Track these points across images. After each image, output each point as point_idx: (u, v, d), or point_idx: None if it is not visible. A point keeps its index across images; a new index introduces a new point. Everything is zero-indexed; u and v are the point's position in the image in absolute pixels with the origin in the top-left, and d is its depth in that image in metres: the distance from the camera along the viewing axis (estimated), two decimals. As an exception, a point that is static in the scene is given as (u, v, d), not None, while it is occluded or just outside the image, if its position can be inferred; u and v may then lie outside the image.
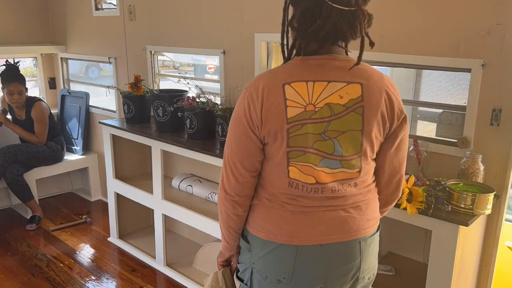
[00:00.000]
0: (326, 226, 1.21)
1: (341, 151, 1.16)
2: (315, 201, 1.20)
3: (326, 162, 1.17)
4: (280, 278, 1.25)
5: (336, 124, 1.15)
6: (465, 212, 1.55)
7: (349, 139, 1.16)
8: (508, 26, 1.64)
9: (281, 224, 1.22)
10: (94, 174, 3.99)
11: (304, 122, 1.14)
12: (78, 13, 3.78)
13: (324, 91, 1.14)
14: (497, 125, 1.73)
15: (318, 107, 1.14)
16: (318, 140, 1.15)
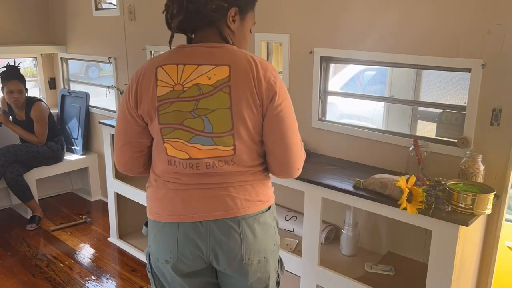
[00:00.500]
0: (205, 203, 1.27)
1: (212, 128, 1.23)
2: (193, 179, 1.27)
3: (198, 139, 1.24)
4: (167, 258, 1.31)
5: (205, 103, 1.22)
6: (465, 212, 1.55)
7: (219, 117, 1.22)
8: (508, 26, 1.64)
9: (164, 203, 1.30)
10: (94, 174, 3.99)
11: (173, 100, 1.23)
12: (78, 13, 3.78)
13: (193, 73, 1.23)
14: (497, 125, 1.73)
15: (187, 87, 1.22)
16: (188, 117, 1.23)
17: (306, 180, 1.89)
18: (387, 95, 2.53)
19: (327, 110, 2.33)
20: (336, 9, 2.12)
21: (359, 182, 1.79)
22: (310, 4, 2.20)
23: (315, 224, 1.92)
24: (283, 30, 2.33)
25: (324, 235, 2.21)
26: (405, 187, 1.58)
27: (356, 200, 1.76)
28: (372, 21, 2.01)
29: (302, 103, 2.33)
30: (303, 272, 2.03)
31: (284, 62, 2.36)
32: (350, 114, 3.13)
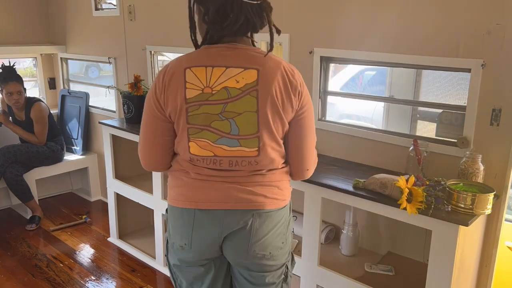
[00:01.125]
0: (222, 194, 1.32)
1: (238, 131, 1.28)
2: (215, 172, 1.32)
3: (223, 141, 1.29)
4: (182, 244, 1.38)
5: (233, 106, 1.26)
6: (465, 212, 1.55)
7: (246, 120, 1.27)
8: (508, 26, 1.64)
9: (183, 190, 1.36)
10: (94, 174, 3.99)
11: (201, 103, 1.27)
12: (78, 13, 3.78)
13: (221, 75, 1.26)
14: (497, 125, 1.73)
15: (215, 90, 1.26)
16: (215, 120, 1.28)
17: (306, 180, 1.89)
18: (387, 95, 2.53)
19: (327, 110, 2.33)
20: (336, 9, 2.12)
21: (359, 182, 1.79)
22: (310, 4, 2.20)
23: (315, 224, 1.92)
24: (283, 30, 2.31)
25: (324, 235, 2.21)
26: (405, 187, 1.58)
27: (356, 200, 1.76)
28: (372, 21, 2.01)
29: (302, 103, 2.33)
30: (303, 272, 2.03)
31: (284, 62, 2.36)
32: (350, 114, 3.13)
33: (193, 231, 1.35)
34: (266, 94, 1.26)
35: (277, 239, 1.40)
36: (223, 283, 1.49)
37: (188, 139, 1.31)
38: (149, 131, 1.36)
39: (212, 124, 1.28)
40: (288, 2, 2.28)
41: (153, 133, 1.36)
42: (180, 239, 1.38)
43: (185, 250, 1.38)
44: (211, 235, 1.35)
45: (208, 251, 1.38)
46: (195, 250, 1.37)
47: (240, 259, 1.39)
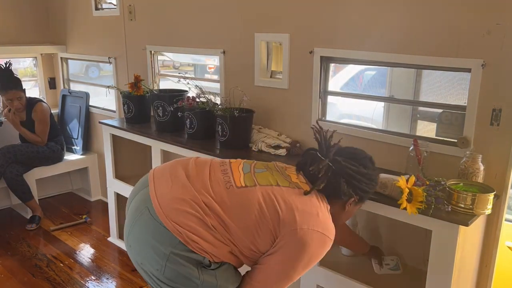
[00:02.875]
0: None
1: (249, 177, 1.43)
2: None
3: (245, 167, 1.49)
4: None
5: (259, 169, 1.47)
6: (465, 212, 1.55)
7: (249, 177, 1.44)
8: (508, 26, 1.64)
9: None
10: (94, 174, 3.99)
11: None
12: (78, 13, 3.78)
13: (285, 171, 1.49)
14: (497, 125, 1.72)
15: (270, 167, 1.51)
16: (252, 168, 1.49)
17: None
18: (387, 95, 2.52)
19: (327, 110, 2.33)
20: (336, 9, 2.12)
21: None
22: (310, 4, 2.20)
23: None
24: (283, 30, 2.33)
25: (324, 235, 2.20)
26: (405, 187, 1.58)
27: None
28: (372, 21, 2.01)
29: (302, 103, 2.33)
30: (303, 272, 2.02)
31: (284, 62, 2.36)
32: (350, 114, 3.13)
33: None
34: (270, 200, 1.36)
35: (145, 249, 1.35)
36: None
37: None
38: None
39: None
40: (288, 2, 2.28)
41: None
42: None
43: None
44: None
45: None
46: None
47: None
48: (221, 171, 1.44)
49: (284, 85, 2.40)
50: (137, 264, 1.41)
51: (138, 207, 1.39)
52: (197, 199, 1.33)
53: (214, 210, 1.33)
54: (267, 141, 2.32)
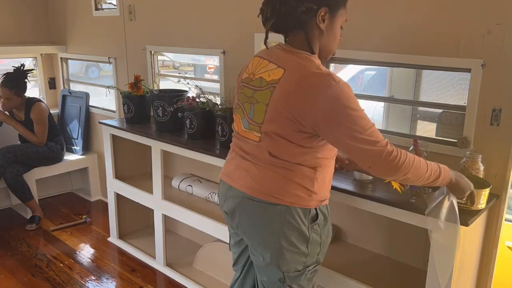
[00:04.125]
0: (234, 171, 1.50)
1: (253, 116, 1.42)
2: (238, 149, 1.50)
3: (244, 121, 1.46)
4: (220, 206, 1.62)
5: (257, 94, 1.40)
6: (459, 207, 1.54)
7: (259, 109, 1.39)
8: (508, 26, 1.64)
9: (225, 165, 1.59)
10: (94, 174, 3.99)
11: (245, 85, 1.47)
12: (78, 13, 3.78)
13: (263, 67, 1.40)
14: (497, 125, 1.73)
15: (255, 78, 1.42)
16: (246, 101, 1.45)
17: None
18: (387, 95, 2.53)
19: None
20: (336, 9, 2.11)
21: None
22: (310, 4, 2.20)
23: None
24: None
25: (324, 235, 2.20)
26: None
27: (356, 200, 1.76)
28: (372, 21, 2.01)
29: (302, 103, 2.33)
30: (303, 272, 2.03)
31: (284, 62, 2.36)
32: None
33: (219, 197, 1.61)
34: (279, 94, 1.32)
35: (266, 235, 1.43)
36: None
37: (234, 112, 1.54)
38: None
39: (244, 104, 1.46)
40: (288, 2, 2.28)
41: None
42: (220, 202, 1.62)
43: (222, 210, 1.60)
44: (224, 205, 1.56)
45: (227, 219, 1.58)
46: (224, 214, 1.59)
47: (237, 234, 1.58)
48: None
49: (284, 85, 2.39)
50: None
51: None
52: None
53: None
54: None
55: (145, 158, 3.20)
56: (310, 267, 1.49)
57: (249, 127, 1.43)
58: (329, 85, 1.25)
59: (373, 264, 2.07)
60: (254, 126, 1.40)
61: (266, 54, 1.43)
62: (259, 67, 1.41)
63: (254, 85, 1.41)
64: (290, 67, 1.33)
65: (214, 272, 2.67)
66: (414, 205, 1.62)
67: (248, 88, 1.44)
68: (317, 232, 1.46)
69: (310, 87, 1.28)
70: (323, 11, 1.33)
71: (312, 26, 1.35)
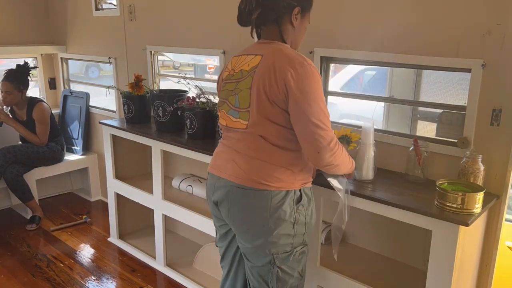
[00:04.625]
0: (222, 163, 1.58)
1: (239, 104, 1.52)
2: (227, 141, 1.59)
3: (231, 112, 1.55)
4: (207, 199, 1.70)
5: (240, 84, 1.52)
6: (455, 212, 1.54)
7: (243, 95, 1.50)
8: (508, 26, 1.64)
9: (213, 158, 1.67)
10: (94, 174, 3.99)
11: (227, 81, 1.58)
12: (78, 13, 3.78)
13: (243, 61, 1.54)
14: (497, 125, 1.72)
15: (236, 72, 1.55)
16: (230, 95, 1.56)
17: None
18: (387, 95, 2.53)
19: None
20: (336, 9, 2.12)
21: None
22: (310, 4, 2.20)
23: (315, 224, 1.92)
24: (283, 30, 2.32)
25: (324, 235, 2.20)
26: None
27: (356, 200, 1.76)
28: (372, 21, 2.01)
29: (302, 103, 2.33)
30: (303, 272, 2.03)
31: (284, 62, 2.36)
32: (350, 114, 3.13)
33: (208, 189, 1.68)
34: (259, 76, 1.45)
35: (254, 221, 1.51)
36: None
37: (218, 109, 1.64)
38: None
39: (228, 98, 1.57)
40: (288, 2, 2.28)
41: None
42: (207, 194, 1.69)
43: (209, 203, 1.69)
44: (212, 195, 1.62)
45: (213, 210, 1.67)
46: (210, 207, 1.70)
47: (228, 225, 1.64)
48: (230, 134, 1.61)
49: (284, 85, 2.39)
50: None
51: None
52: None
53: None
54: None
55: (145, 158, 3.20)
56: (297, 248, 1.57)
57: (239, 116, 1.52)
58: (302, 64, 1.41)
59: (373, 264, 2.07)
60: (242, 112, 1.51)
61: (243, 51, 1.58)
62: (239, 63, 1.55)
63: (236, 78, 1.53)
64: (267, 52, 1.48)
65: (214, 272, 2.66)
66: (414, 205, 1.62)
67: (230, 83, 1.56)
68: (301, 212, 1.54)
69: (285, 64, 1.41)
70: (296, 9, 1.50)
71: (287, 21, 1.51)
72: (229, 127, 1.57)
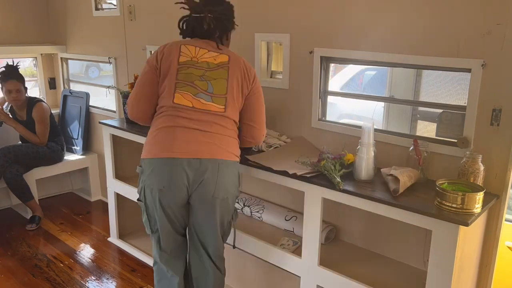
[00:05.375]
0: (196, 145, 1.73)
1: (213, 90, 1.80)
2: (191, 123, 1.74)
3: (201, 95, 1.79)
4: (161, 188, 1.74)
5: (210, 73, 1.82)
6: (455, 212, 1.54)
7: (219, 83, 1.81)
8: (508, 26, 1.64)
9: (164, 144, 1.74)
10: (94, 174, 4.00)
11: (190, 66, 1.82)
12: (78, 13, 3.78)
13: (205, 54, 1.85)
14: (497, 125, 1.73)
15: (200, 61, 1.83)
16: (197, 80, 1.80)
17: (306, 180, 1.89)
18: (387, 95, 2.53)
19: (327, 110, 2.33)
20: (336, 9, 2.12)
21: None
22: (310, 4, 2.20)
23: (315, 224, 1.92)
24: (283, 30, 2.33)
25: (324, 235, 2.21)
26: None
27: (356, 200, 1.76)
28: (372, 21, 2.01)
29: (302, 103, 2.33)
30: (303, 272, 2.03)
31: (284, 62, 2.36)
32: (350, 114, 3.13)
33: (172, 175, 1.72)
34: (234, 70, 1.85)
35: (232, 186, 1.83)
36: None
37: (174, 90, 1.78)
38: (140, 85, 1.89)
39: (195, 82, 1.79)
40: (288, 2, 2.28)
41: (143, 86, 1.87)
42: (159, 183, 1.75)
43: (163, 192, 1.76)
44: (186, 179, 1.73)
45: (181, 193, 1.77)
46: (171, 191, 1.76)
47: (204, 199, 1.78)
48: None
49: (284, 85, 2.40)
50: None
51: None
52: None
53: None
54: (267, 141, 2.32)
55: (145, 158, 3.20)
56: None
57: (211, 100, 1.78)
58: (253, 68, 1.95)
59: (373, 264, 2.07)
60: (217, 98, 1.79)
61: (199, 44, 1.88)
62: (200, 53, 1.84)
63: (202, 66, 1.82)
64: (231, 55, 1.89)
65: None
66: (414, 205, 1.62)
67: (195, 68, 1.81)
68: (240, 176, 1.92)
69: (249, 68, 1.91)
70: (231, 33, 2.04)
71: (228, 34, 2.00)
72: (197, 108, 1.76)
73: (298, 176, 1.90)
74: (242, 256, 2.42)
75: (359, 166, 1.87)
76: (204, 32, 1.88)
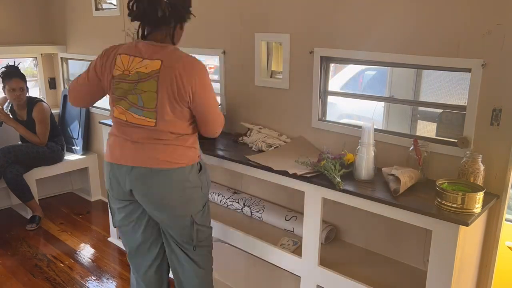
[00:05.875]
0: (131, 153, 1.77)
1: (143, 104, 1.73)
2: (127, 135, 1.79)
3: (133, 110, 1.75)
4: (108, 188, 1.89)
5: (141, 85, 1.72)
6: (455, 211, 1.54)
7: (148, 97, 1.71)
8: (508, 26, 1.64)
9: (111, 150, 1.85)
10: (94, 174, 4.00)
11: (121, 80, 1.75)
12: (78, 13, 3.78)
13: (138, 63, 1.73)
14: (497, 125, 1.73)
15: (132, 73, 1.73)
16: (129, 94, 1.75)
17: (306, 180, 1.89)
18: (387, 95, 2.53)
19: (327, 110, 2.33)
20: (336, 9, 2.12)
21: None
22: (310, 4, 2.20)
23: (315, 224, 1.92)
24: (283, 30, 2.33)
25: (324, 235, 2.21)
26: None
27: (356, 200, 1.76)
28: (372, 21, 2.01)
29: (302, 103, 2.33)
30: (303, 272, 2.03)
31: (284, 62, 2.36)
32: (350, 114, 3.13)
33: (110, 178, 1.84)
34: (165, 81, 1.69)
35: (174, 193, 1.80)
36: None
37: (114, 105, 1.81)
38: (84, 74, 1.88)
39: (128, 96, 1.75)
40: (288, 2, 2.28)
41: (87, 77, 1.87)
42: (107, 184, 1.88)
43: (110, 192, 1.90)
44: (121, 182, 1.81)
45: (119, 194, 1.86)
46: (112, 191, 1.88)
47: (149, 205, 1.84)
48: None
49: (284, 85, 2.40)
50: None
51: None
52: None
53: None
54: (267, 141, 2.32)
55: (145, 158, 3.20)
56: (205, 205, 1.94)
57: (143, 114, 1.73)
58: (200, 65, 1.75)
59: (373, 264, 2.07)
60: (148, 111, 1.72)
61: (133, 51, 1.75)
62: (133, 64, 1.73)
63: (133, 79, 1.72)
64: (166, 58, 1.70)
65: (214, 272, 2.66)
66: (414, 205, 1.62)
67: (126, 83, 1.74)
68: (203, 178, 1.88)
69: (190, 68, 1.71)
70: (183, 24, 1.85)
71: (182, 25, 1.84)
72: (130, 123, 1.76)
73: (298, 176, 1.90)
74: (242, 256, 2.42)
75: (359, 166, 1.87)
76: (157, 19, 1.71)
